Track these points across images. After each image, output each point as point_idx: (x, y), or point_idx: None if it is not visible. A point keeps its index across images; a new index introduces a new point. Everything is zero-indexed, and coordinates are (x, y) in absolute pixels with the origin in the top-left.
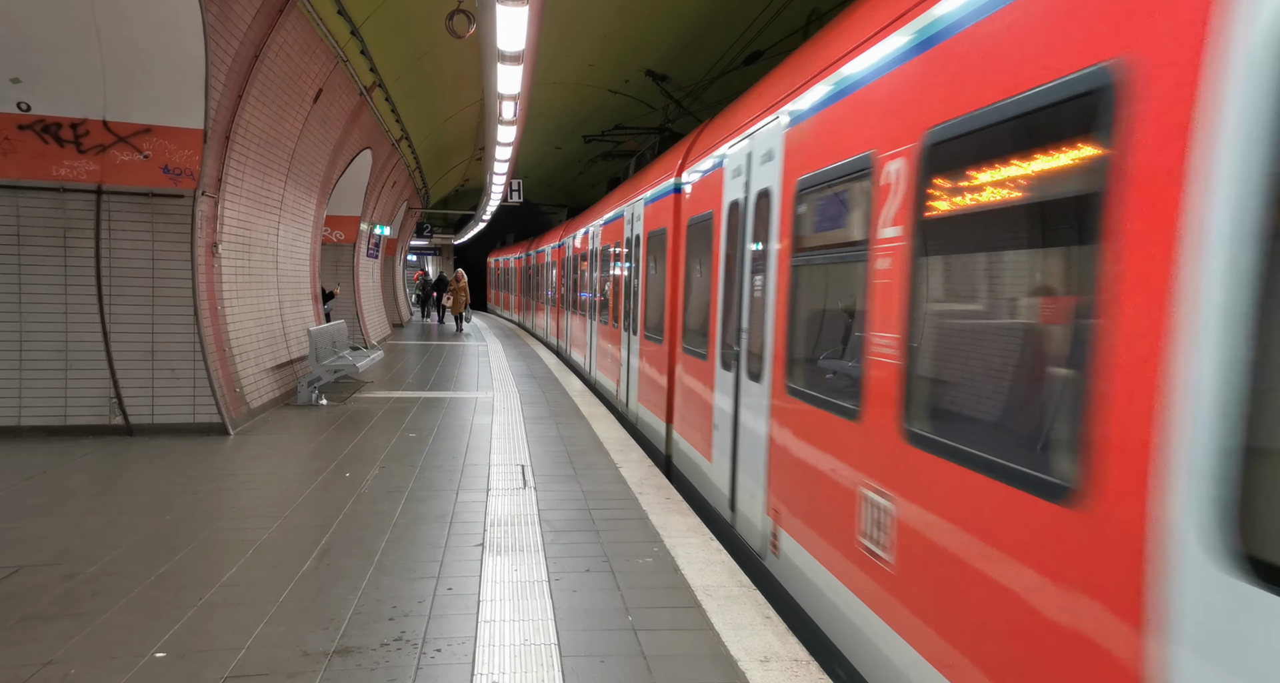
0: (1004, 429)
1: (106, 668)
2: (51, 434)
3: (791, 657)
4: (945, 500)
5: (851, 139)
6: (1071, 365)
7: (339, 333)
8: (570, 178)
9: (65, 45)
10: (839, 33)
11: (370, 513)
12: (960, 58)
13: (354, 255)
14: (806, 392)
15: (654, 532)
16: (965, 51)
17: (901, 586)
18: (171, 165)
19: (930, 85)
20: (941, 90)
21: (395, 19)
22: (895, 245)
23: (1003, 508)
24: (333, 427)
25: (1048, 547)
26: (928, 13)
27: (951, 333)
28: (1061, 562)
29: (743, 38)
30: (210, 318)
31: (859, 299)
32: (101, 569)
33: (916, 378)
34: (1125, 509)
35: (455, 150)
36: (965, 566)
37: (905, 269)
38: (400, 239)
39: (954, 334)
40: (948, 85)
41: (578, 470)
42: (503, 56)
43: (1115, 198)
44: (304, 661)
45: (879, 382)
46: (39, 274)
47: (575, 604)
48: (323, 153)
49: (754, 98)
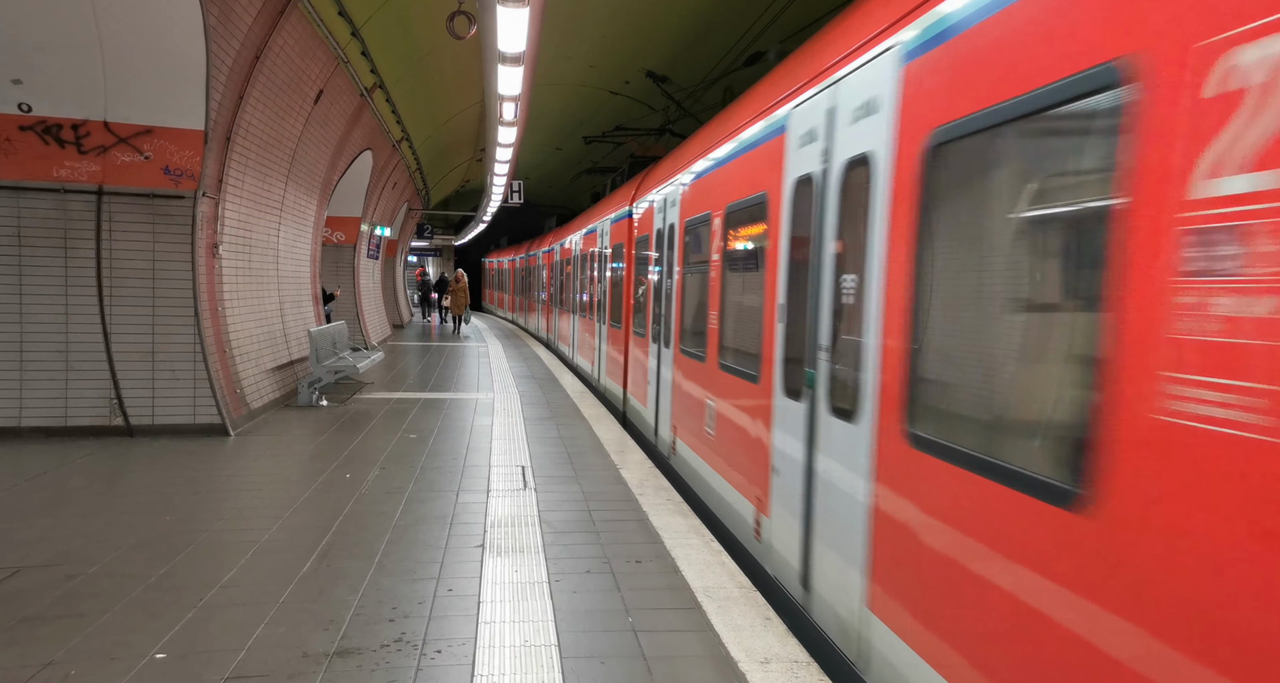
0: (736, 348)
1: (107, 669)
2: (52, 435)
3: (792, 658)
4: (732, 396)
5: (705, 201)
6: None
7: (339, 334)
8: (570, 179)
9: (66, 46)
10: (721, 123)
11: (371, 514)
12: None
13: (354, 256)
14: (693, 353)
15: (654, 533)
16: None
17: (719, 447)
18: (172, 166)
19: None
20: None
21: (396, 20)
22: (710, 265)
23: (736, 387)
24: (333, 428)
25: (745, 397)
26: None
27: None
28: (753, 403)
29: (743, 39)
30: (211, 319)
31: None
32: (102, 570)
33: (728, 338)
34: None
35: (456, 151)
36: (738, 428)
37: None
38: (401, 240)
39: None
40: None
41: (578, 471)
42: (503, 58)
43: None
44: (304, 662)
45: (713, 336)
46: (40, 275)
47: (575, 606)
48: (323, 154)
49: (669, 164)
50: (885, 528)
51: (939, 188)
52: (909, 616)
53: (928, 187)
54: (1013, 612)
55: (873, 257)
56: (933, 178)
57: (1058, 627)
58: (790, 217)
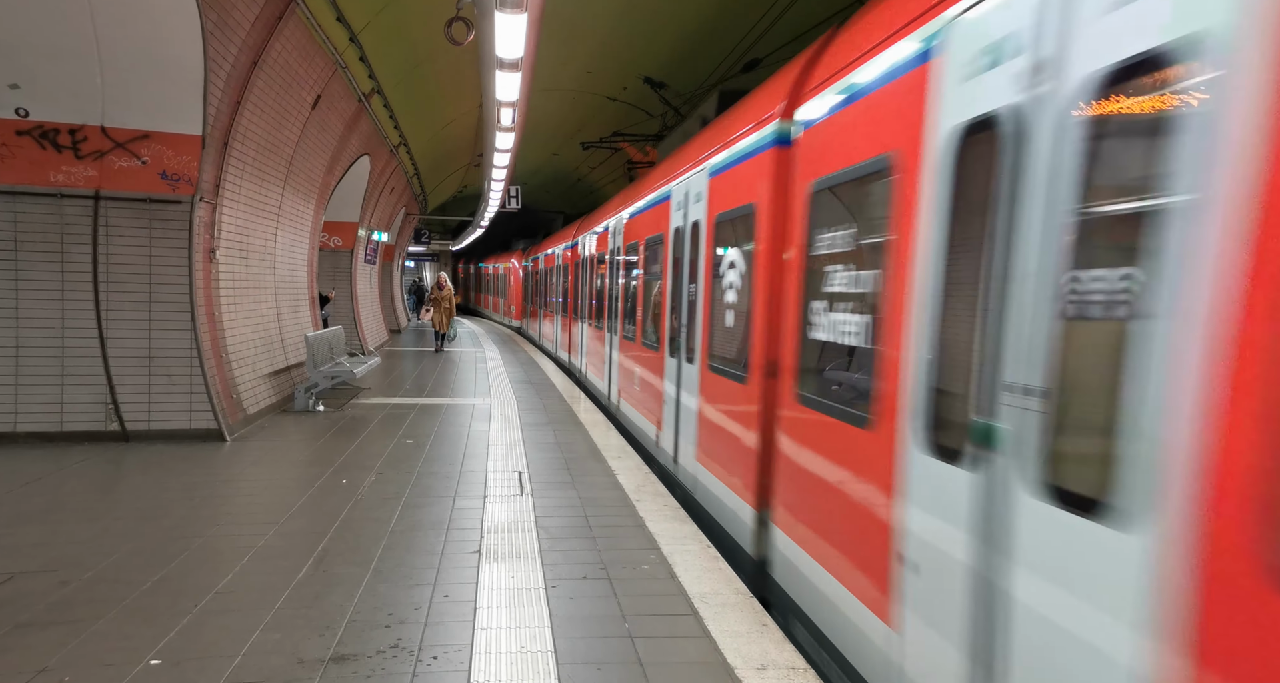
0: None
1: (101, 675)
2: (47, 440)
3: (788, 665)
4: (638, 362)
5: (641, 230)
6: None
7: (336, 339)
8: (568, 185)
9: (63, 51)
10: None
11: (367, 520)
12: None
13: (352, 261)
14: (640, 338)
15: (651, 538)
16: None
17: (639, 396)
18: (169, 171)
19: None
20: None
21: (394, 26)
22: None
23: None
24: (330, 433)
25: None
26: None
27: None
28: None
29: (740, 45)
30: (207, 324)
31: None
32: (96, 576)
33: (649, 322)
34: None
35: (453, 157)
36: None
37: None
38: (398, 245)
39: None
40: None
41: (575, 477)
42: (501, 64)
43: None
44: (300, 668)
45: (642, 323)
46: (36, 280)
47: (572, 611)
48: (321, 159)
49: (605, 211)
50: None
51: (721, 242)
52: (707, 456)
53: (718, 241)
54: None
55: (700, 275)
56: (718, 237)
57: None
58: (673, 249)
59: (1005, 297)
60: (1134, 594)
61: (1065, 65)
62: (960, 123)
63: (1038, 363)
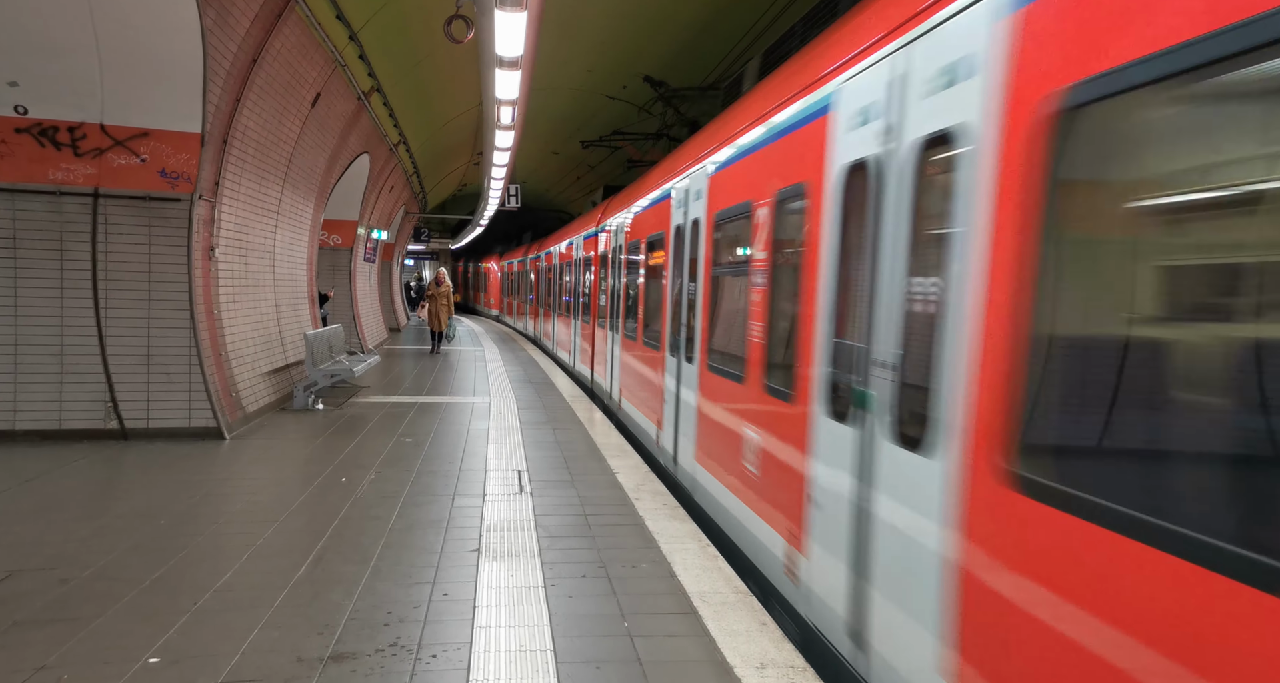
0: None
1: (100, 673)
2: (46, 438)
3: (788, 664)
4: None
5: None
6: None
7: (335, 337)
8: (568, 183)
9: (63, 48)
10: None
11: (366, 518)
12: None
13: (351, 260)
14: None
15: (650, 537)
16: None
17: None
18: (169, 169)
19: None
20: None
21: (394, 24)
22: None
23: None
24: (329, 431)
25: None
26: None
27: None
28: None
29: (740, 43)
30: (206, 322)
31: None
32: (95, 574)
33: (615, 310)
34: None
35: (453, 155)
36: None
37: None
38: (398, 243)
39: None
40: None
41: (574, 476)
42: (501, 62)
43: None
44: (299, 666)
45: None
46: (35, 278)
47: (571, 610)
48: (320, 157)
49: (590, 216)
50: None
51: (634, 262)
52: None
53: (628, 259)
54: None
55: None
56: (617, 257)
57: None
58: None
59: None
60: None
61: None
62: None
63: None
